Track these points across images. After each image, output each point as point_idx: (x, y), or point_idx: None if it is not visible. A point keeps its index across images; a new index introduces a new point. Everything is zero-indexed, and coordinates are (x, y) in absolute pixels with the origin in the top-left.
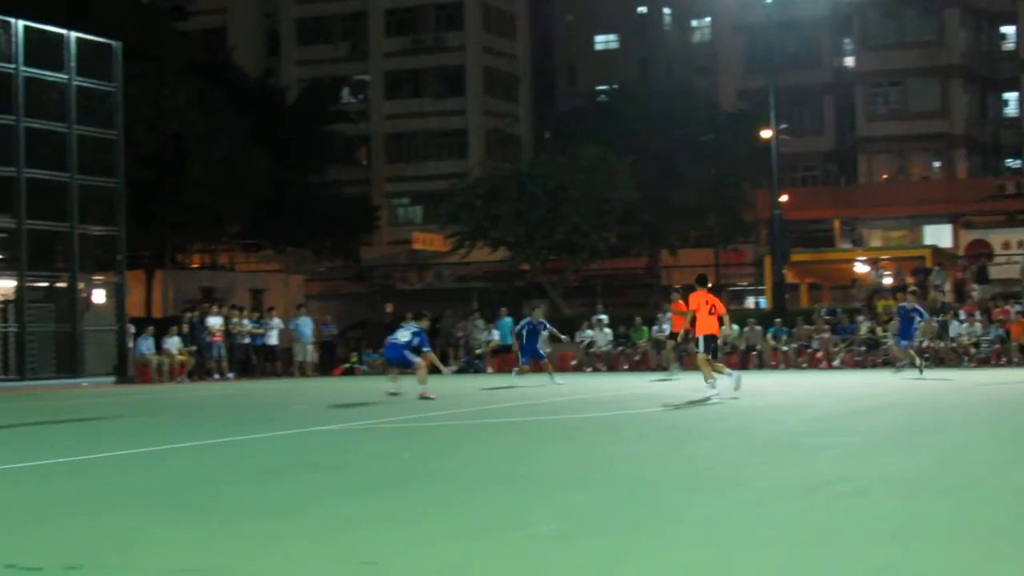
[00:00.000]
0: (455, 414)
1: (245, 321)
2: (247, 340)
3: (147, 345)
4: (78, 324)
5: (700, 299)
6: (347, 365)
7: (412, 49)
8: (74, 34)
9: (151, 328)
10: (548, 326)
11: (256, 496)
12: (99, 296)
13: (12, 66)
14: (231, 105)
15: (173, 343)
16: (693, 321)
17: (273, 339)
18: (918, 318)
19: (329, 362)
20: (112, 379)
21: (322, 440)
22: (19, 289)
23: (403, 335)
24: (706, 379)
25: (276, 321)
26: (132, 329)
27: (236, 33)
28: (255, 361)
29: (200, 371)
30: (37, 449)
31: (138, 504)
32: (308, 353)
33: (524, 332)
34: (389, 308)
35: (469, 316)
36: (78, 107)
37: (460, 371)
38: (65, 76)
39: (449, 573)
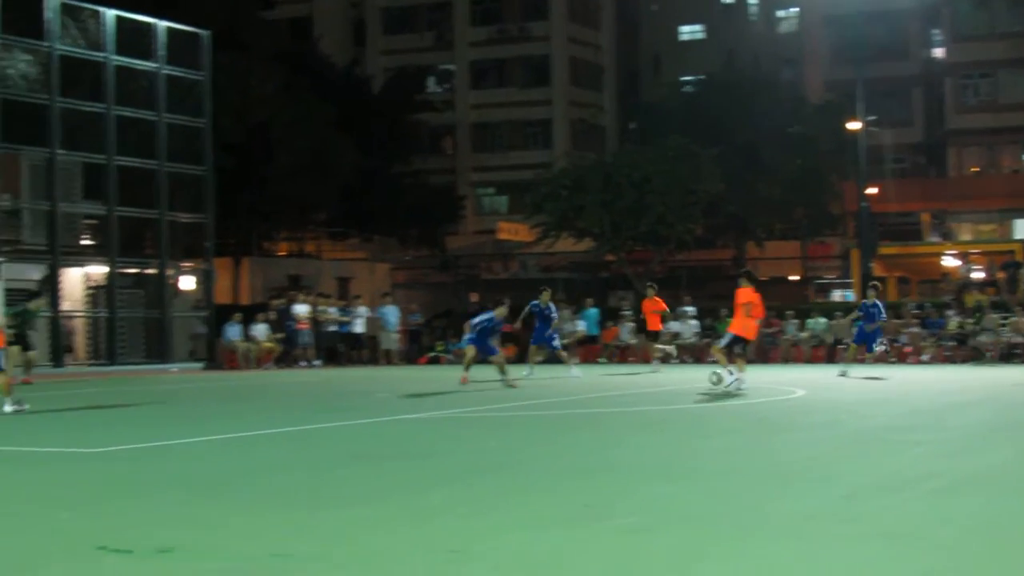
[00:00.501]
0: (541, 404)
1: (331, 309)
2: (333, 328)
3: (234, 332)
4: (167, 310)
5: (747, 296)
6: (432, 354)
7: (497, 39)
8: (163, 23)
9: (238, 315)
10: (556, 312)
11: (343, 483)
12: (187, 283)
13: (102, 55)
14: (317, 94)
15: (260, 330)
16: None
17: (359, 327)
18: (878, 316)
19: (414, 351)
20: (200, 365)
21: (408, 428)
22: (109, 275)
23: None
24: (724, 366)
25: (362, 309)
26: (202, 321)
27: (322, 22)
28: (341, 349)
29: (287, 358)
30: (128, 432)
31: (227, 489)
32: (393, 341)
33: (536, 316)
34: (474, 298)
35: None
36: (167, 95)
37: (545, 361)
38: (154, 65)
39: (534, 562)
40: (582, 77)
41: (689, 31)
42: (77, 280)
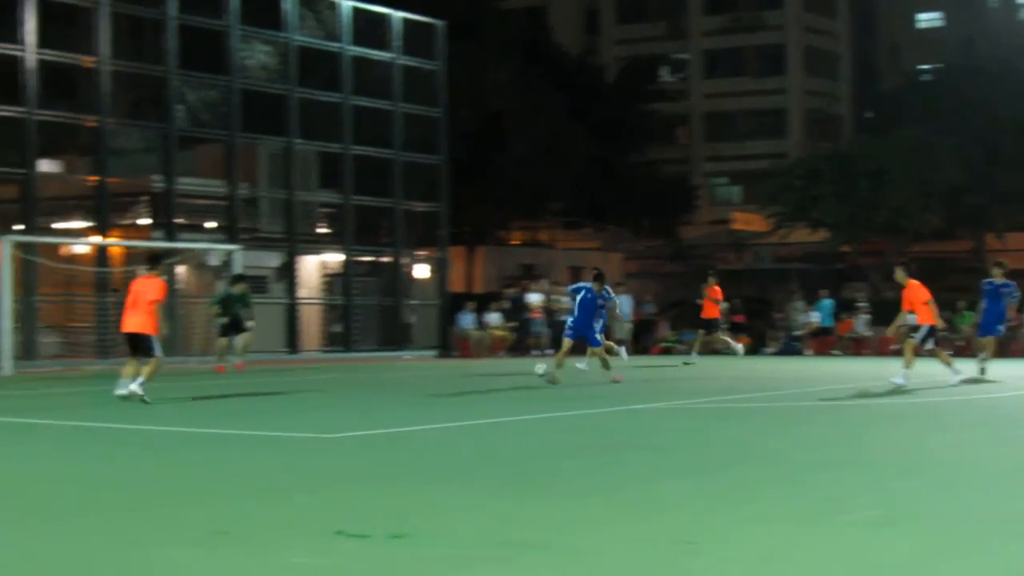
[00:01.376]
0: (772, 395)
1: (564, 298)
2: (566, 317)
3: (468, 320)
4: (401, 298)
5: (921, 290)
6: (665, 344)
7: (731, 27)
8: (399, 14)
9: (472, 303)
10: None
11: (577, 472)
12: (422, 271)
13: (339, 45)
14: (551, 84)
15: (493, 318)
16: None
17: None
18: (1009, 297)
19: (647, 341)
20: (433, 353)
21: (641, 419)
22: (345, 263)
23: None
24: (906, 366)
25: None
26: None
27: (556, 12)
28: None
29: (519, 347)
30: (362, 418)
31: (461, 476)
32: (626, 331)
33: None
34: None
35: (788, 297)
36: (403, 85)
37: (778, 353)
38: (390, 55)
39: (770, 556)
40: (817, 66)
41: (927, 19)
42: (313, 267)
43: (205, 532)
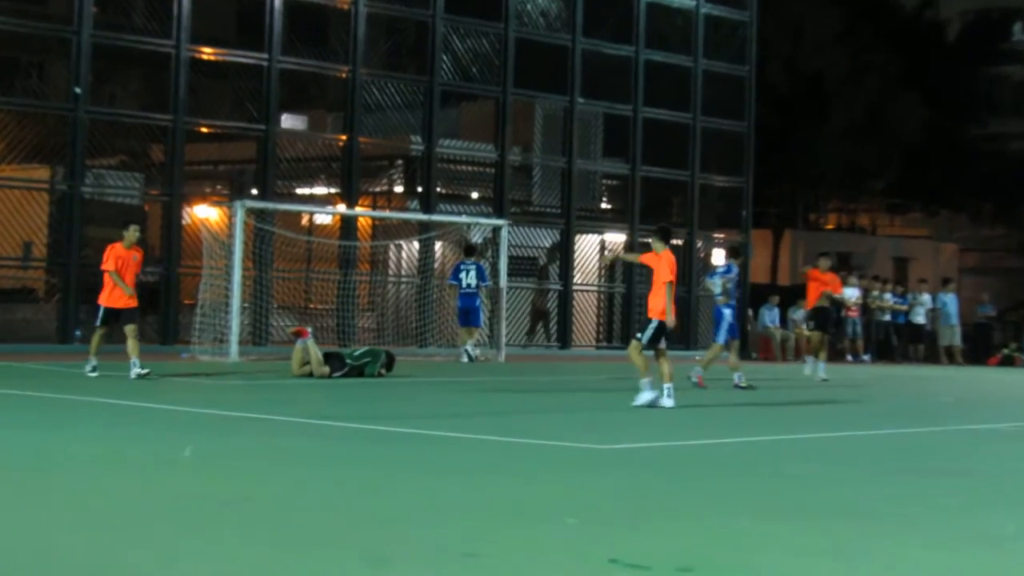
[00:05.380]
0: None
1: (887, 295)
2: (888, 317)
3: (771, 317)
4: (693, 288)
5: None
6: (1005, 353)
7: None
8: None
9: (776, 297)
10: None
11: (876, 498)
12: (719, 257)
13: None
14: (880, 42)
15: (801, 315)
16: None
17: (920, 317)
18: None
19: (983, 349)
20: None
21: (977, 441)
22: (628, 244)
23: None
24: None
25: (926, 296)
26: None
27: None
28: (896, 342)
29: (831, 350)
30: (645, 430)
31: (752, 499)
32: (954, 336)
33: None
34: None
35: None
36: (705, 38)
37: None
38: (692, 3)
39: None
40: None
41: None
42: (593, 248)
43: (453, 553)
